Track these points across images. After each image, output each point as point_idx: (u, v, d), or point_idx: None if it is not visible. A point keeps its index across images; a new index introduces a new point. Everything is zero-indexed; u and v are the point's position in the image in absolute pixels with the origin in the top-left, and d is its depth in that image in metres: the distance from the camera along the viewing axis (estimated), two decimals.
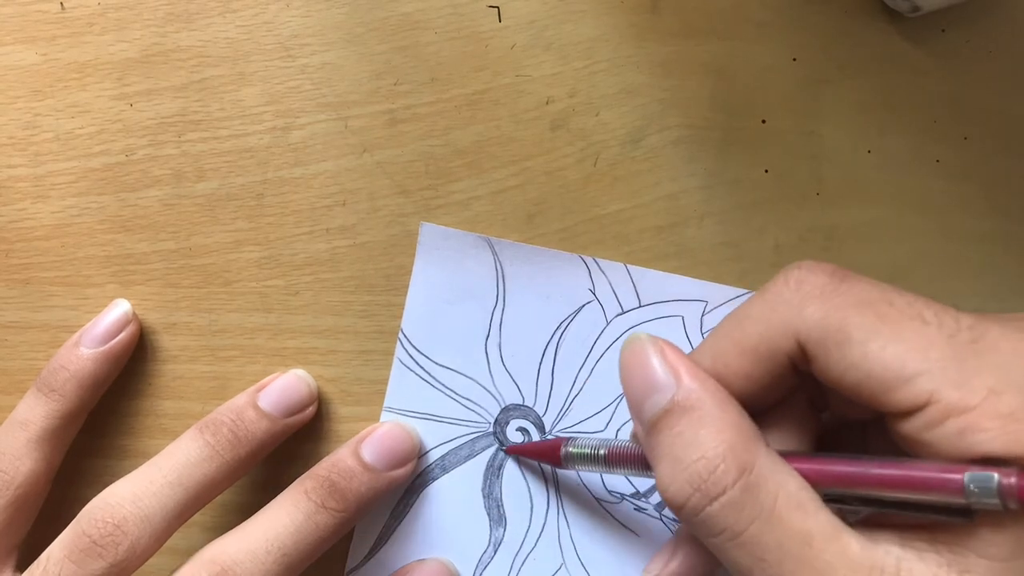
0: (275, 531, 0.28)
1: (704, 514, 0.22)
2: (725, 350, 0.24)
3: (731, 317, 0.25)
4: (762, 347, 0.23)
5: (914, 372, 0.21)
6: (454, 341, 0.32)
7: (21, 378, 0.33)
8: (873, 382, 0.21)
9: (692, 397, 0.23)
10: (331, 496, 0.29)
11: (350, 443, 0.31)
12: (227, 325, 0.33)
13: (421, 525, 0.32)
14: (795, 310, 0.23)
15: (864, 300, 0.22)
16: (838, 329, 0.22)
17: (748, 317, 0.24)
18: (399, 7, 0.32)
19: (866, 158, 0.32)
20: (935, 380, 0.20)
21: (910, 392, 0.21)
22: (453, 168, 0.32)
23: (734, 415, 0.23)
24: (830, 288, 0.23)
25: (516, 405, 0.32)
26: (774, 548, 0.21)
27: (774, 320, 0.23)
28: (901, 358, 0.21)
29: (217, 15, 0.32)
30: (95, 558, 0.26)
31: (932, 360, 0.21)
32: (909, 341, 0.21)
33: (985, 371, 0.20)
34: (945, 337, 0.21)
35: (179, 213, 0.32)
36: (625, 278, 0.32)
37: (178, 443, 0.29)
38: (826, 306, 0.22)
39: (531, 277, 0.32)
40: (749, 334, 0.24)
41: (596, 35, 0.32)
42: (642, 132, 0.32)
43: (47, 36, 0.32)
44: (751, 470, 0.22)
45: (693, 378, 0.24)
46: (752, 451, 0.22)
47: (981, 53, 0.32)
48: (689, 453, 0.23)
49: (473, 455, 0.32)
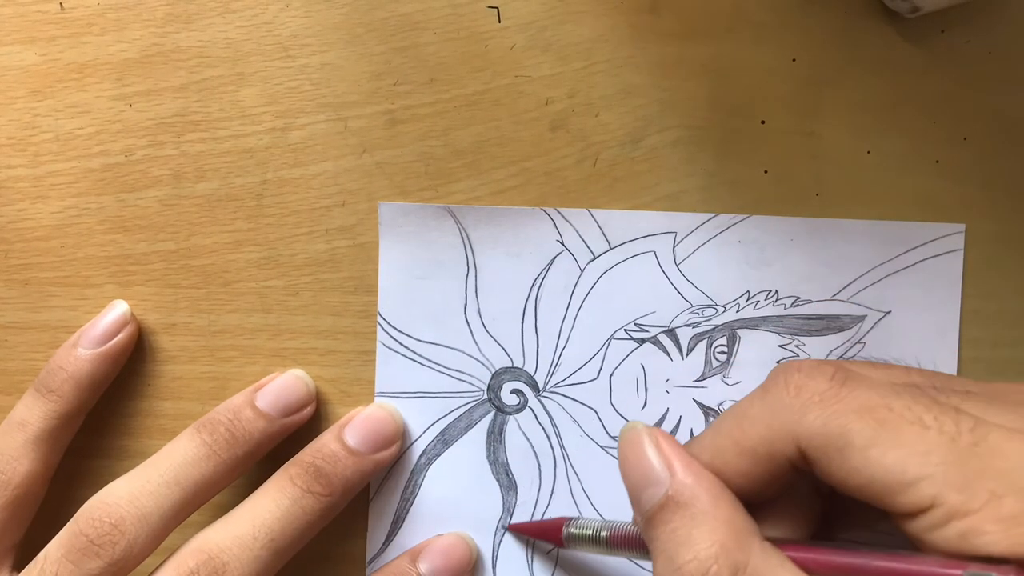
0: (262, 517, 0.28)
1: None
2: (724, 448, 0.24)
3: (730, 415, 0.25)
4: (761, 449, 0.23)
5: (916, 477, 0.21)
6: (433, 315, 0.32)
7: (20, 378, 0.33)
8: (876, 487, 0.21)
9: (686, 493, 0.23)
10: (316, 481, 0.29)
11: (333, 428, 0.31)
12: (226, 325, 0.33)
13: (433, 502, 0.32)
14: (795, 416, 0.23)
15: (864, 406, 0.22)
16: (839, 436, 0.22)
17: (747, 418, 0.24)
18: (399, 8, 0.32)
19: (866, 158, 0.32)
20: (937, 484, 0.20)
21: (913, 496, 0.21)
22: (453, 168, 0.32)
23: (727, 511, 0.23)
24: (830, 394, 0.23)
25: (506, 368, 0.32)
26: None
27: (774, 425, 0.23)
28: (902, 463, 0.21)
29: (217, 15, 0.32)
30: (92, 557, 0.26)
31: (933, 464, 0.21)
32: (910, 446, 0.21)
33: (987, 474, 0.20)
34: (946, 441, 0.21)
35: (178, 213, 0.32)
36: (591, 223, 0.32)
37: (175, 443, 0.29)
38: (826, 413, 0.22)
39: (497, 238, 0.32)
40: (749, 435, 0.24)
41: (596, 36, 0.32)
42: (642, 132, 0.32)
43: (47, 36, 0.32)
44: (744, 569, 0.22)
45: (687, 472, 0.24)
46: (745, 549, 0.22)
47: (981, 53, 0.32)
48: (682, 553, 0.22)
49: (472, 425, 0.32)
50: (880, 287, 0.32)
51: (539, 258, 0.32)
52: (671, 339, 0.32)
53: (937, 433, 0.21)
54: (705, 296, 0.32)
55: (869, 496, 0.22)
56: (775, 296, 0.32)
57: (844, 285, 0.32)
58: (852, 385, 0.23)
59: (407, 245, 0.32)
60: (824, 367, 0.24)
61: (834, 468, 0.22)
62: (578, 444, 0.32)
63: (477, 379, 0.32)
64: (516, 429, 0.32)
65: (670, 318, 0.32)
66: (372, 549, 0.32)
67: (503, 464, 0.32)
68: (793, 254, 0.32)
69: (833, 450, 0.22)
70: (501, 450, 0.32)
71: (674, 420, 0.32)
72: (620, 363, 0.32)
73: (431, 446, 0.32)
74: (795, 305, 0.32)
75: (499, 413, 0.32)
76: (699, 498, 0.23)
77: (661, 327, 0.32)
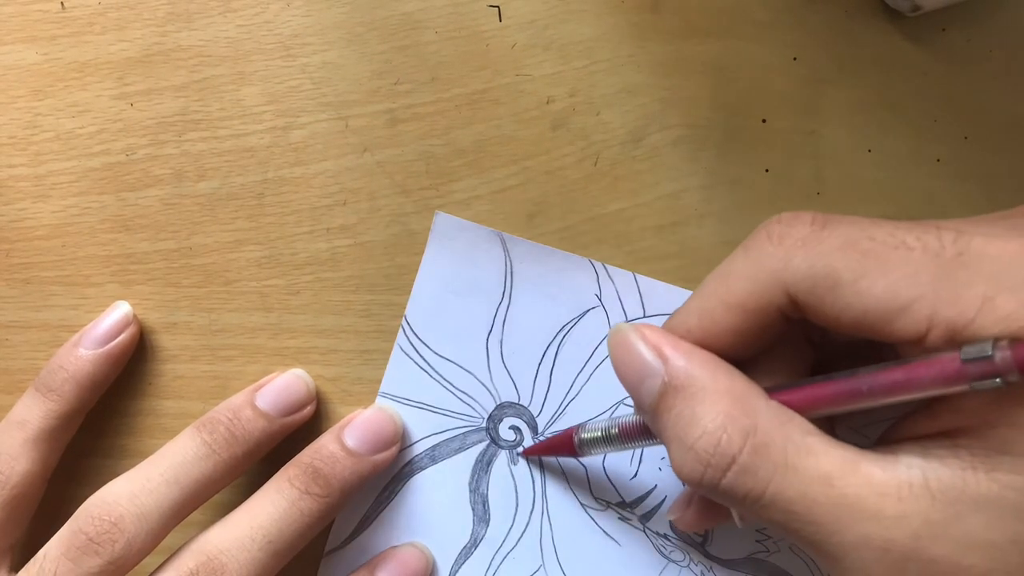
0: (260, 519, 0.28)
1: (721, 486, 0.22)
2: (712, 308, 0.24)
3: (715, 275, 0.25)
4: (750, 303, 0.23)
5: (908, 300, 0.21)
6: (456, 333, 0.32)
7: (21, 378, 0.33)
8: (870, 318, 0.21)
9: (681, 374, 0.23)
10: (314, 482, 0.29)
11: (332, 430, 0.31)
12: (227, 325, 0.33)
13: (405, 513, 0.32)
14: (781, 264, 0.23)
15: (847, 241, 0.22)
16: (826, 275, 0.22)
17: (732, 274, 0.24)
18: (400, 6, 0.32)
19: (866, 157, 0.32)
20: (930, 303, 0.20)
21: (909, 320, 0.21)
22: (453, 167, 0.32)
23: (725, 380, 0.23)
24: (812, 236, 0.23)
25: (511, 403, 0.32)
26: (799, 499, 0.21)
27: (760, 276, 0.23)
28: (893, 289, 0.21)
29: (217, 15, 0.32)
30: (91, 555, 0.26)
31: (923, 284, 0.21)
32: (897, 271, 0.21)
33: (976, 281, 0.20)
34: (931, 258, 0.21)
35: (179, 213, 0.32)
36: (632, 287, 0.32)
37: (175, 442, 0.29)
38: (811, 255, 0.22)
39: (539, 277, 0.32)
40: (735, 291, 0.24)
41: (597, 34, 0.32)
42: (643, 131, 0.32)
43: (47, 36, 0.32)
44: (754, 432, 0.22)
45: (678, 354, 0.24)
46: (751, 412, 0.22)
47: (981, 53, 0.32)
48: (691, 432, 0.23)
49: (463, 449, 0.32)
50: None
51: (573, 306, 0.32)
52: None
53: (922, 252, 0.21)
54: None
55: (865, 329, 0.22)
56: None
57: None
58: (833, 225, 0.23)
59: (452, 260, 0.32)
60: (802, 215, 0.23)
61: (826, 308, 0.22)
62: (560, 496, 0.32)
63: (480, 406, 0.32)
64: (504, 464, 0.32)
65: None
66: (333, 542, 0.32)
67: (483, 495, 0.32)
68: None
69: (823, 290, 0.22)
70: (484, 481, 0.32)
71: (659, 498, 0.32)
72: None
73: (418, 458, 0.32)
74: None
75: (492, 444, 0.32)
76: (695, 376, 0.23)
77: None
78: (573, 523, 0.32)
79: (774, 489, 0.22)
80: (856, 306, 0.21)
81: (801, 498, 0.21)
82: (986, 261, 0.20)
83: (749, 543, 0.32)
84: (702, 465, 0.22)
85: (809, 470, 0.21)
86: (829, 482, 0.21)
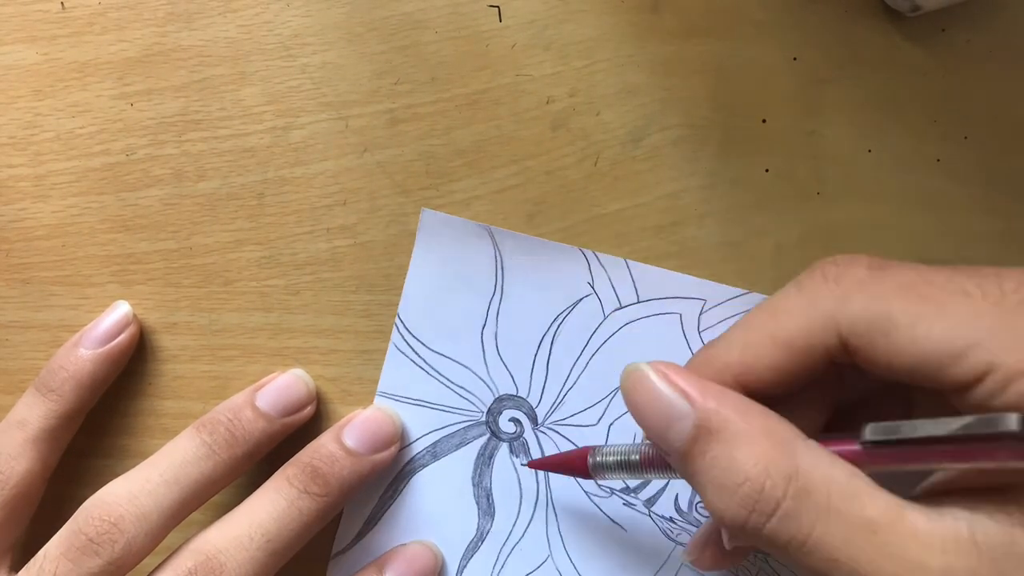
0: (258, 518, 0.28)
1: (765, 532, 0.21)
2: (758, 342, 0.23)
3: (763, 310, 0.24)
4: (799, 341, 0.23)
5: (966, 345, 0.20)
6: (451, 329, 0.32)
7: (21, 378, 0.33)
8: (927, 363, 0.21)
9: (714, 418, 0.22)
10: (313, 481, 0.29)
11: (332, 430, 0.31)
12: (227, 325, 0.33)
13: (409, 511, 0.32)
14: (836, 304, 0.22)
15: (904, 285, 0.22)
16: (884, 317, 0.21)
17: (784, 311, 0.23)
18: (400, 7, 0.32)
19: (866, 158, 0.32)
20: (989, 349, 0.20)
21: (966, 365, 0.20)
22: (453, 167, 0.32)
23: (761, 422, 0.22)
24: (870, 279, 0.22)
25: (509, 395, 0.32)
26: (842, 546, 0.21)
27: (814, 315, 0.23)
28: (951, 334, 0.20)
29: (217, 15, 0.32)
30: (91, 556, 0.26)
31: (982, 330, 0.20)
32: (956, 316, 0.21)
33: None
34: (991, 305, 0.20)
35: (179, 213, 0.32)
36: (625, 273, 0.32)
37: (175, 442, 0.29)
38: (868, 296, 0.22)
39: (530, 268, 0.32)
40: (786, 328, 0.23)
41: (596, 35, 0.32)
42: (642, 131, 0.32)
43: (48, 36, 0.32)
44: (796, 475, 0.21)
45: (708, 396, 0.23)
46: (792, 454, 0.22)
47: (981, 53, 0.32)
48: (731, 478, 0.22)
49: (464, 444, 0.32)
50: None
51: (566, 296, 0.32)
52: None
53: (981, 298, 0.21)
54: None
55: (921, 375, 0.21)
56: None
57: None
58: (891, 269, 0.22)
59: (441, 256, 0.32)
60: (859, 257, 0.23)
61: (879, 351, 0.21)
62: (564, 485, 0.32)
63: (479, 400, 0.32)
64: (507, 457, 0.32)
65: None
66: (340, 544, 0.32)
67: (486, 489, 0.32)
68: None
69: (878, 333, 0.21)
70: (487, 475, 0.32)
71: (662, 483, 0.32)
72: (621, 416, 0.32)
73: (420, 456, 0.32)
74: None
75: (493, 438, 0.32)
76: (729, 419, 0.22)
77: None
78: (578, 512, 0.32)
79: (818, 535, 0.21)
80: (911, 350, 0.21)
81: (844, 545, 0.21)
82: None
83: None
84: (746, 511, 0.22)
85: (853, 516, 0.21)
86: (874, 530, 0.20)
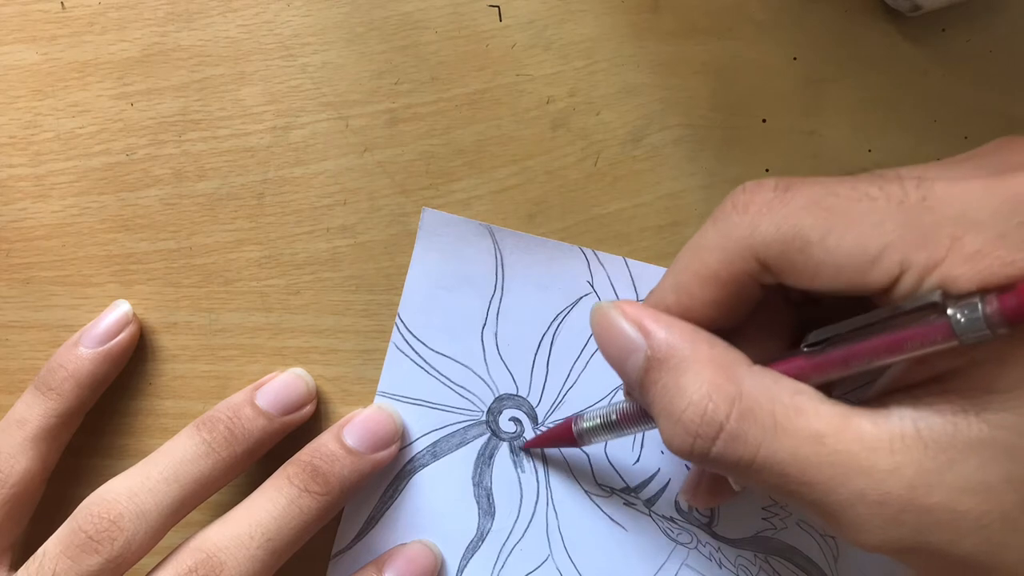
0: (258, 517, 0.28)
1: (711, 455, 0.22)
2: (687, 282, 0.24)
3: (686, 250, 0.25)
4: (723, 273, 0.23)
5: (877, 249, 0.21)
6: (451, 328, 0.32)
7: (21, 377, 0.33)
8: (843, 273, 0.21)
9: (663, 348, 0.23)
10: (314, 480, 0.29)
11: (332, 429, 0.31)
12: (227, 324, 0.33)
13: (410, 511, 0.32)
14: (748, 230, 0.23)
15: (811, 200, 0.22)
16: (794, 236, 0.22)
17: (703, 247, 0.24)
18: (399, 6, 0.32)
19: (866, 157, 0.32)
20: (899, 250, 0.21)
21: (881, 269, 0.21)
22: (454, 167, 0.32)
23: (707, 350, 0.23)
24: (776, 200, 0.23)
25: (510, 395, 0.32)
26: (790, 461, 0.21)
27: (729, 246, 0.23)
28: (861, 241, 0.21)
29: (217, 15, 0.32)
30: (91, 554, 0.26)
31: (890, 232, 0.21)
32: (863, 222, 0.21)
33: (942, 223, 0.20)
34: (895, 206, 0.21)
35: (179, 212, 0.32)
36: (624, 272, 0.32)
37: (175, 440, 0.29)
38: (776, 218, 0.22)
39: (530, 267, 0.32)
40: (708, 263, 0.24)
41: (596, 34, 0.32)
42: (643, 131, 0.32)
43: (48, 35, 0.32)
44: (739, 397, 0.22)
45: (659, 327, 0.24)
46: (735, 378, 0.22)
47: (981, 53, 0.32)
48: (677, 403, 0.23)
49: (465, 443, 0.32)
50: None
51: (566, 295, 0.32)
52: None
53: (885, 201, 0.21)
54: None
55: (841, 285, 0.22)
56: None
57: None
58: (796, 187, 0.23)
59: (441, 255, 0.32)
60: (765, 182, 0.23)
61: (798, 269, 0.22)
62: (564, 485, 0.32)
63: (479, 399, 0.32)
64: (507, 456, 0.32)
65: None
66: (340, 544, 0.32)
67: (487, 488, 0.32)
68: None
69: (793, 252, 0.22)
70: (488, 474, 0.32)
71: (662, 482, 0.32)
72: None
73: (420, 455, 0.32)
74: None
75: (493, 437, 0.32)
76: (676, 347, 0.23)
77: None
78: (578, 511, 0.32)
79: (765, 453, 0.21)
80: (827, 263, 0.21)
81: (793, 459, 0.21)
82: (950, 202, 0.20)
83: (756, 521, 0.32)
84: (691, 436, 0.22)
85: (799, 430, 0.21)
86: (820, 441, 0.21)
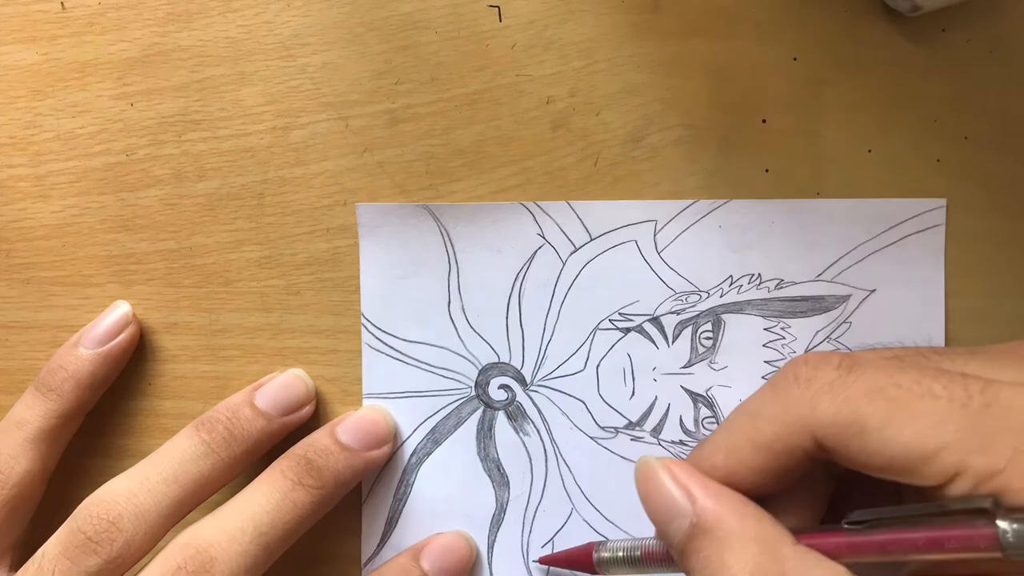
0: (251, 511, 0.28)
1: None
2: (739, 446, 0.24)
3: (742, 413, 0.25)
4: (777, 445, 0.23)
5: (935, 448, 0.21)
6: (417, 314, 0.32)
7: (21, 378, 0.33)
8: (898, 465, 0.21)
9: (710, 517, 0.23)
10: (307, 473, 0.29)
11: (325, 427, 0.31)
12: (227, 325, 0.33)
13: (426, 502, 0.32)
14: (808, 408, 0.23)
15: (872, 387, 0.22)
16: (853, 421, 0.22)
17: (760, 416, 0.24)
18: (399, 7, 0.32)
19: (867, 157, 0.32)
20: (958, 451, 0.21)
21: (936, 467, 0.21)
22: (453, 168, 0.32)
23: (753, 525, 0.23)
24: (839, 382, 0.23)
25: (493, 364, 0.32)
26: None
27: (788, 419, 0.23)
28: (920, 437, 0.21)
29: (217, 15, 0.32)
30: (90, 554, 0.26)
31: (951, 433, 0.21)
32: (924, 419, 0.21)
33: (1005, 433, 0.20)
34: (958, 407, 0.21)
35: (180, 213, 0.32)
36: (571, 215, 0.32)
37: (174, 441, 0.29)
38: (837, 400, 0.22)
39: (478, 234, 0.32)
40: (763, 432, 0.24)
41: (596, 35, 0.32)
42: (642, 131, 0.32)
43: (48, 36, 0.32)
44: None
45: (707, 495, 0.24)
46: (779, 560, 0.22)
47: (981, 53, 0.32)
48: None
49: (461, 422, 0.33)
50: (863, 265, 0.32)
51: (520, 252, 0.32)
52: (656, 327, 0.32)
53: (948, 401, 0.21)
54: (688, 283, 0.32)
55: (895, 475, 0.22)
56: (758, 279, 0.32)
57: (827, 265, 0.32)
58: (859, 370, 0.23)
59: (387, 245, 0.32)
60: (829, 357, 0.24)
61: (854, 453, 0.22)
62: (568, 436, 0.32)
63: (464, 376, 0.32)
64: (506, 424, 0.32)
65: (654, 306, 0.32)
66: (367, 551, 0.32)
67: (494, 460, 0.32)
68: (774, 236, 0.32)
69: (850, 436, 0.22)
70: (492, 446, 0.32)
71: (663, 408, 0.32)
72: (606, 353, 0.32)
73: (421, 445, 0.32)
74: (779, 288, 0.32)
75: (488, 409, 0.32)
76: (723, 520, 0.23)
77: (646, 316, 0.32)
78: (589, 459, 0.32)
79: None
80: (883, 453, 0.22)
81: None
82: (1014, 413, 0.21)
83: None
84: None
85: None
86: None
